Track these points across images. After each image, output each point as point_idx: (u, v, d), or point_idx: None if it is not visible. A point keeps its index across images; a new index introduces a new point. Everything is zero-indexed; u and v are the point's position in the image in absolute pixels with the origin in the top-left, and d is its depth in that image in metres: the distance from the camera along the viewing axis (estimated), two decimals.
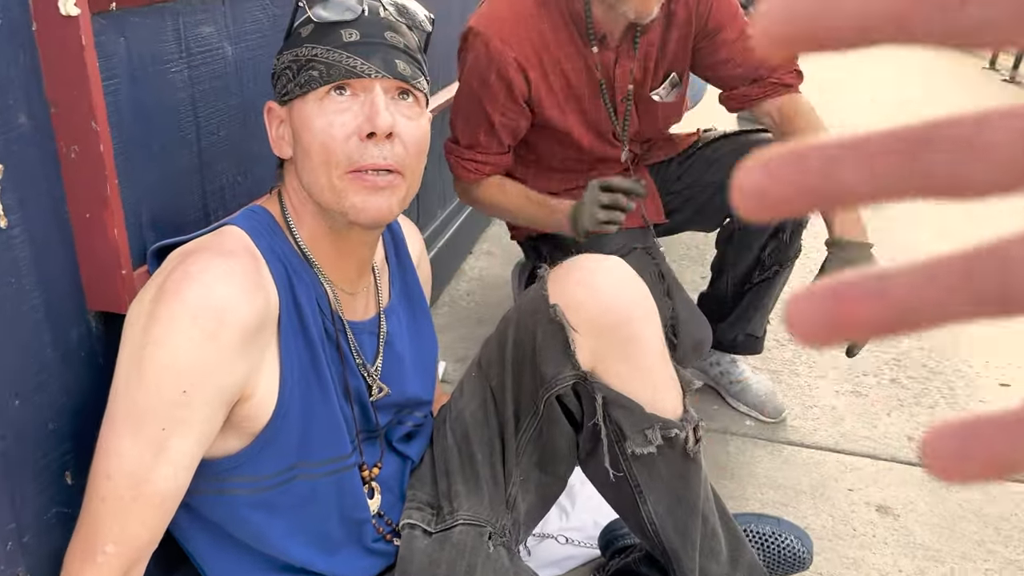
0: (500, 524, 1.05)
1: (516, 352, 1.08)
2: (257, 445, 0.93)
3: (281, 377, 0.92)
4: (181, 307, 0.82)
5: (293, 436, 0.94)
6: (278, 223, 0.97)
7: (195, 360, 0.81)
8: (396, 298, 1.13)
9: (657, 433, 1.02)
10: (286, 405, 0.92)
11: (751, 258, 1.72)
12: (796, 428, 1.84)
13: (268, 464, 0.94)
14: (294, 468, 0.96)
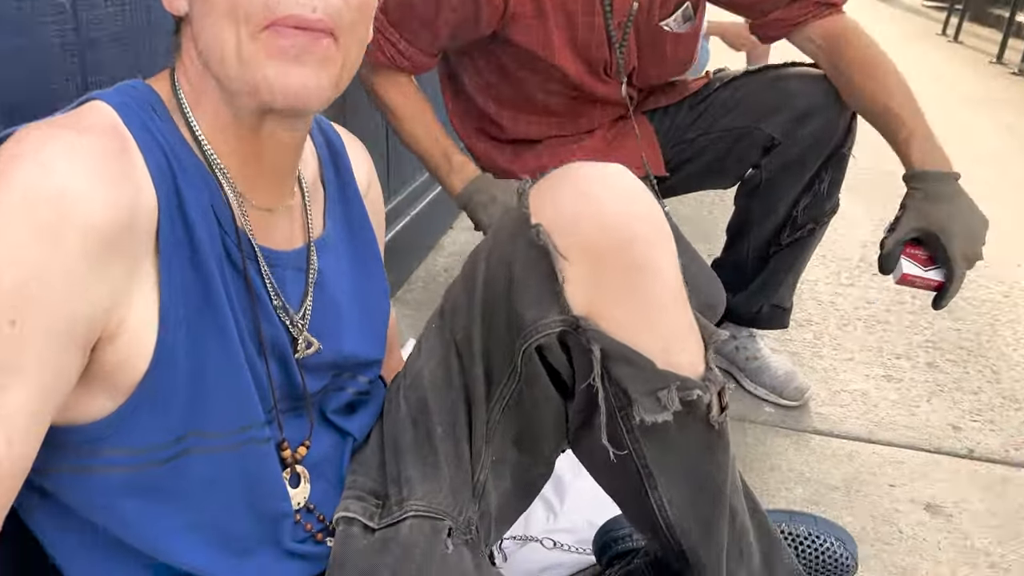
0: (464, 517, 0.79)
1: (487, 292, 0.82)
2: (132, 405, 0.67)
3: (161, 312, 0.66)
4: (5, 195, 0.56)
5: (180, 394, 0.68)
6: (165, 105, 0.71)
7: (26, 273, 0.56)
8: (333, 229, 0.87)
9: (674, 395, 0.76)
10: (169, 351, 0.66)
11: (780, 215, 1.46)
12: (823, 415, 1.59)
13: (148, 433, 0.68)
14: (184, 440, 0.70)
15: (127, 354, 0.65)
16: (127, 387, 0.66)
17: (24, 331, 0.56)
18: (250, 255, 0.75)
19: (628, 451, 0.80)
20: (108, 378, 0.65)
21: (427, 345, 0.88)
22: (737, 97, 1.47)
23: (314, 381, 0.83)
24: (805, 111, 1.38)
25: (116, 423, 0.67)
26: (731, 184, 1.57)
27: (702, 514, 0.81)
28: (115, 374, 0.65)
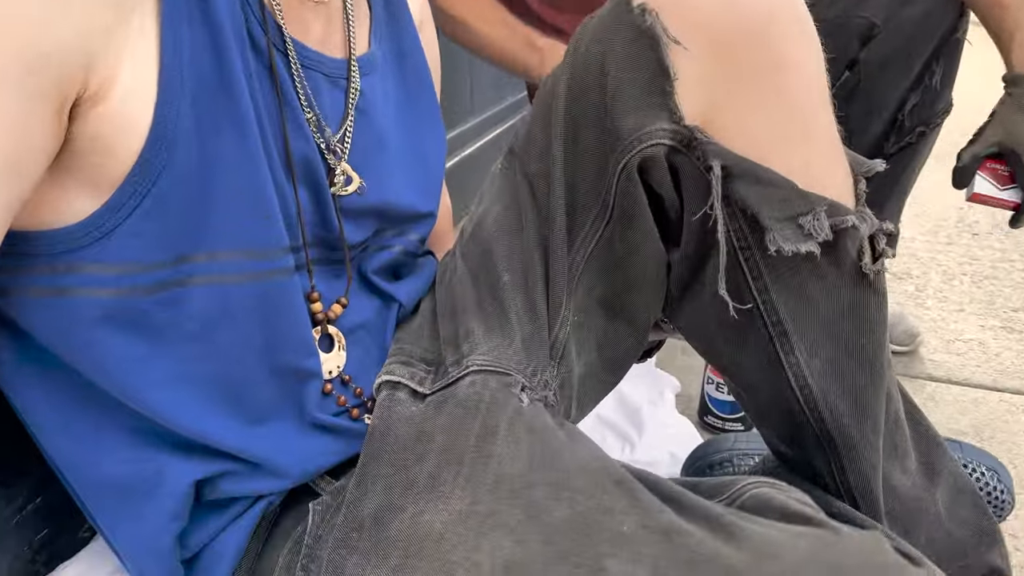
0: (540, 379, 0.61)
1: (571, 108, 0.64)
2: (119, 201, 0.51)
3: (161, 79, 0.51)
4: None
5: (183, 195, 0.53)
6: None
7: None
8: (380, 52, 0.71)
9: (823, 220, 0.58)
10: (170, 130, 0.51)
11: (884, 119, 1.26)
12: (937, 363, 1.38)
13: (140, 244, 0.52)
14: (186, 263, 0.54)
15: (115, 126, 0.50)
16: (115, 176, 0.51)
17: None
18: (278, 43, 0.59)
19: (754, 304, 0.62)
20: (91, 161, 0.50)
21: (490, 192, 0.71)
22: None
23: (353, 231, 0.67)
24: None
25: (99, 224, 0.51)
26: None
27: (852, 385, 0.62)
28: (100, 156, 0.50)
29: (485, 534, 0.47)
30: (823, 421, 0.62)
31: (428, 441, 0.56)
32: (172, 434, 0.57)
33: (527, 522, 0.46)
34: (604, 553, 0.43)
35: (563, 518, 0.46)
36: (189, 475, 0.58)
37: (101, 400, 0.56)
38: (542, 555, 0.44)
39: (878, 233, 0.62)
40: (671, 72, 0.59)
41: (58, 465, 0.61)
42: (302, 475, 0.61)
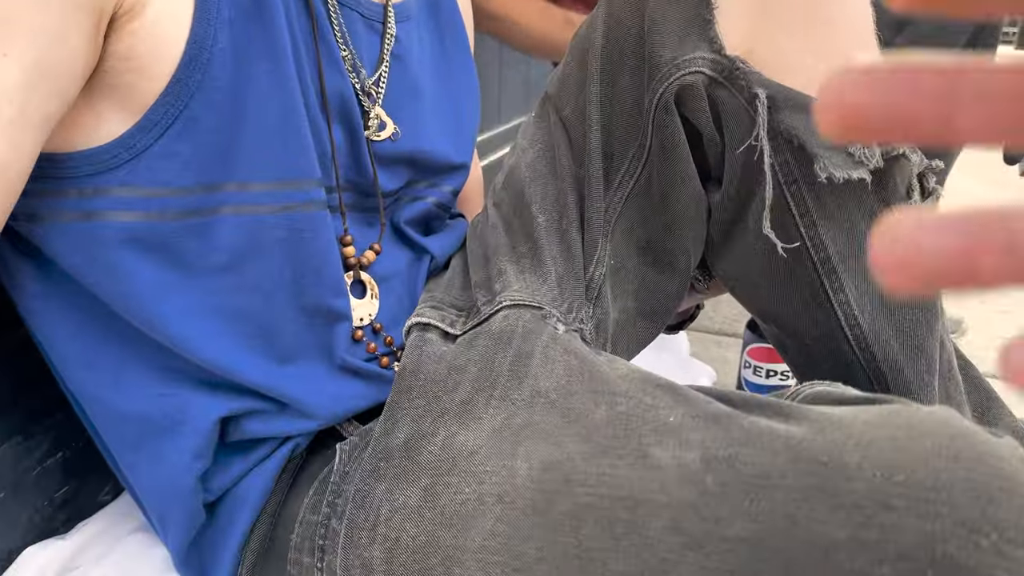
0: (575, 316, 0.59)
1: (608, 49, 0.63)
2: (152, 120, 0.50)
3: (198, 0, 0.50)
4: None
5: (215, 120, 0.52)
6: None
7: None
8: (415, 2, 0.70)
9: (874, 147, 0.55)
10: (205, 51, 0.50)
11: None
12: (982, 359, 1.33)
13: (172, 168, 0.51)
14: (218, 191, 0.53)
15: (150, 44, 0.49)
16: (148, 96, 0.50)
17: None
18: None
19: (801, 242, 0.59)
20: (124, 81, 0.49)
21: (524, 138, 0.70)
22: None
23: (387, 178, 0.66)
24: None
25: (130, 145, 0.50)
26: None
27: (905, 325, 0.59)
28: (133, 75, 0.49)
29: (520, 443, 0.45)
30: (875, 359, 0.59)
31: (460, 373, 0.54)
32: (197, 368, 0.56)
33: (564, 426, 0.44)
34: (648, 443, 0.40)
35: (603, 418, 0.43)
36: (214, 411, 0.56)
37: (125, 332, 0.55)
38: (580, 452, 0.42)
39: (927, 171, 0.59)
40: (712, 1, 0.58)
41: (79, 400, 0.60)
42: (330, 417, 0.59)
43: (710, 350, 1.30)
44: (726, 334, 1.39)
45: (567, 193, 0.64)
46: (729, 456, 0.37)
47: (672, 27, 0.59)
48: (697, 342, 1.32)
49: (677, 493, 0.37)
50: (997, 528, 0.31)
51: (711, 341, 1.33)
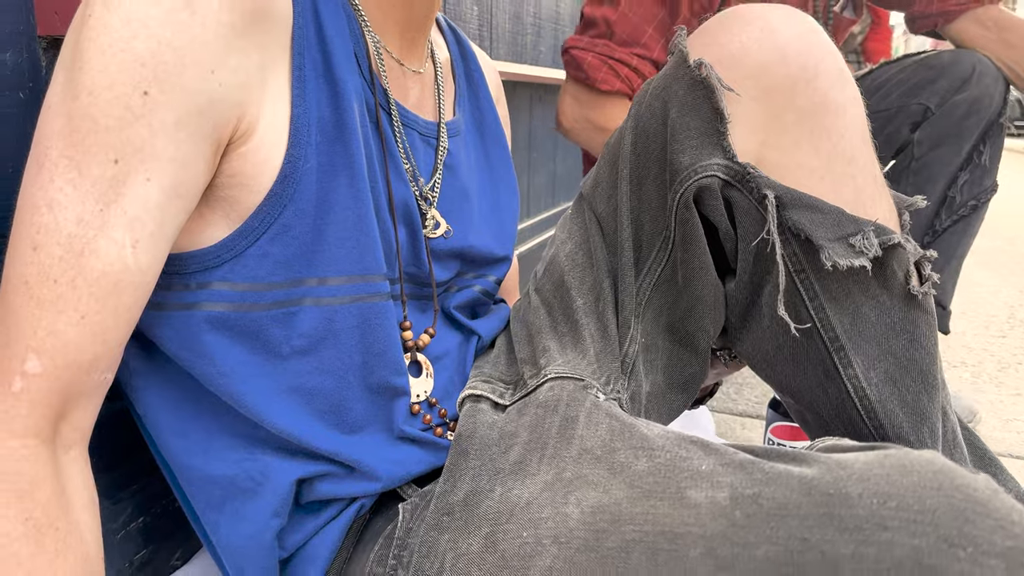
0: (612, 388, 0.66)
1: (636, 154, 0.72)
2: (250, 227, 0.59)
3: (292, 128, 0.59)
4: None
5: (303, 226, 0.60)
6: None
7: (161, 40, 0.50)
8: (463, 119, 0.80)
9: (872, 238, 0.63)
10: (298, 171, 0.59)
11: (937, 196, 1.33)
12: (999, 439, 1.37)
13: (265, 265, 0.59)
14: (301, 286, 0.61)
15: (253, 164, 0.58)
16: (248, 207, 0.59)
17: (157, 106, 0.51)
18: (383, 104, 0.68)
19: (812, 323, 0.67)
20: (229, 194, 0.58)
21: (562, 232, 0.79)
22: (882, 79, 1.39)
23: (440, 270, 0.75)
24: (962, 78, 1.29)
25: (231, 247, 0.59)
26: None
27: (909, 398, 0.65)
28: (237, 189, 0.58)
29: (572, 492, 0.51)
30: (883, 428, 0.65)
31: (512, 437, 0.61)
32: (276, 437, 0.63)
33: (610, 477, 0.51)
34: (685, 487, 0.47)
35: (644, 468, 0.50)
36: (292, 474, 0.63)
37: (214, 406, 0.63)
38: (627, 496, 0.48)
39: (923, 260, 0.67)
40: (725, 115, 0.66)
41: (171, 466, 0.67)
42: (392, 480, 0.66)
43: (735, 431, 1.36)
44: (750, 416, 1.44)
45: (602, 279, 0.72)
46: (754, 494, 0.44)
47: (691, 136, 0.68)
48: (722, 423, 1.38)
49: (711, 525, 0.44)
50: (973, 543, 0.37)
51: (736, 423, 1.38)
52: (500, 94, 0.93)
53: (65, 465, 0.53)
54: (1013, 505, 0.40)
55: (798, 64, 0.66)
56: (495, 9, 1.73)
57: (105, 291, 0.51)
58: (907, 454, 0.42)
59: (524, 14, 1.92)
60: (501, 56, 1.79)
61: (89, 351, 0.52)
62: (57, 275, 0.50)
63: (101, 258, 0.50)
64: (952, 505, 0.39)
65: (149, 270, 0.53)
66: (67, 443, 0.54)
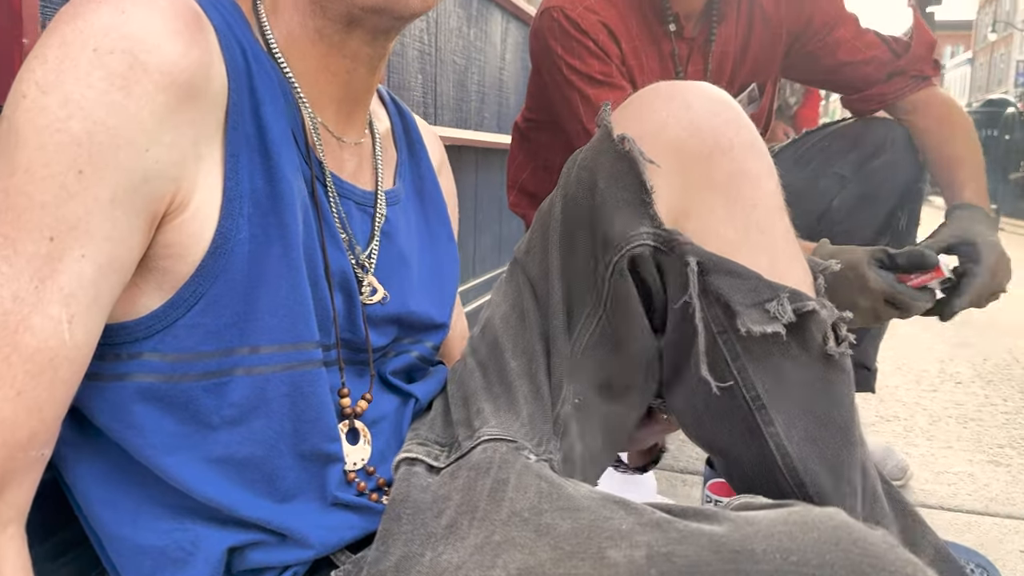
0: (545, 448, 0.68)
1: (566, 220, 0.75)
2: (182, 298, 0.59)
3: (224, 200, 0.60)
4: (78, 35, 0.52)
5: (235, 296, 0.60)
6: (244, 15, 0.70)
7: (96, 120, 0.51)
8: (403, 188, 0.82)
9: (785, 305, 0.66)
10: (229, 242, 0.60)
11: None
12: (929, 491, 1.41)
13: (196, 336, 0.59)
14: (233, 355, 0.61)
15: (188, 235, 0.59)
16: (180, 277, 0.59)
17: (92, 184, 0.52)
18: (319, 175, 0.70)
19: (734, 382, 0.69)
20: (163, 264, 0.59)
21: (497, 295, 0.81)
22: (802, 151, 1.45)
23: (377, 336, 0.76)
24: (876, 146, 1.36)
25: (163, 318, 0.59)
26: (801, 236, 1.51)
27: (829, 454, 0.68)
28: (170, 260, 0.59)
29: (499, 555, 0.52)
30: (804, 486, 0.67)
31: (445, 501, 0.62)
32: (207, 507, 0.62)
33: (536, 538, 0.52)
34: (605, 546, 0.48)
35: (569, 529, 0.51)
36: (223, 543, 0.62)
37: (143, 476, 0.62)
38: (551, 558, 0.49)
39: (839, 321, 0.70)
40: (649, 186, 0.70)
41: (99, 536, 0.65)
42: (325, 546, 0.66)
43: (676, 488, 1.38)
44: (691, 472, 1.47)
45: (535, 342, 0.74)
46: (668, 552, 0.45)
47: (619, 207, 0.71)
48: (664, 480, 1.40)
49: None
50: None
51: (677, 480, 1.40)
52: (443, 163, 0.96)
53: (1, 545, 0.53)
54: (908, 558, 0.42)
55: (712, 138, 0.70)
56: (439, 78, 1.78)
57: (40, 367, 0.51)
58: (809, 511, 0.44)
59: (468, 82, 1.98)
60: (446, 122, 1.84)
61: (25, 427, 0.52)
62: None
63: (36, 334, 0.51)
64: (849, 559, 0.41)
65: (85, 345, 0.54)
66: (3, 521, 0.53)
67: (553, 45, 1.30)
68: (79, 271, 0.52)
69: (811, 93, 3.06)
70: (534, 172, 1.55)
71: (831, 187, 1.39)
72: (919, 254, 1.05)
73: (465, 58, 1.94)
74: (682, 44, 1.35)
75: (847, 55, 1.38)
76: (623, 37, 1.31)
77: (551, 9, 1.31)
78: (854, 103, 1.43)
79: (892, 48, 1.37)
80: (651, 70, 1.35)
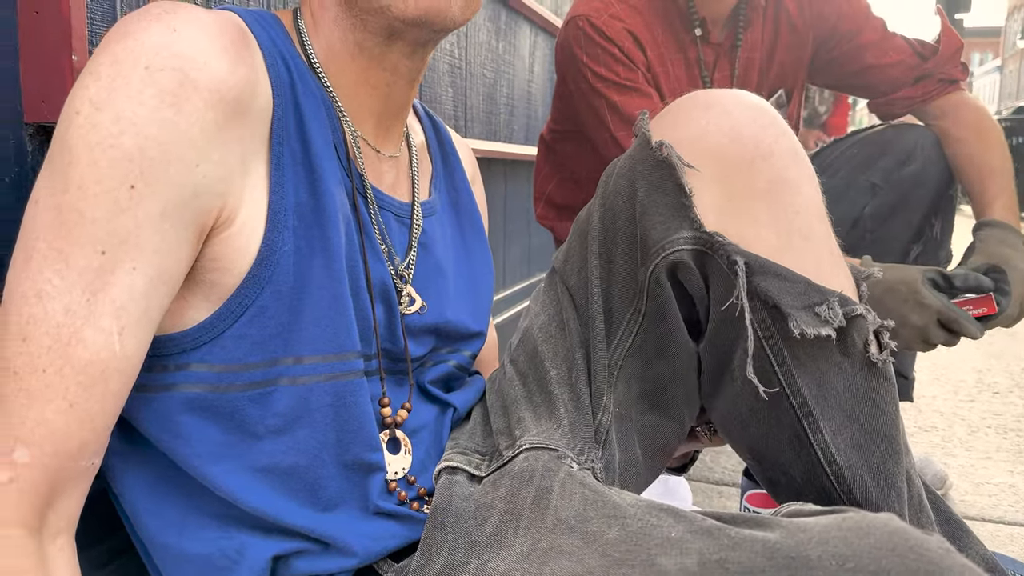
0: (587, 456, 0.67)
1: (605, 229, 0.75)
2: (228, 310, 0.60)
3: (269, 214, 0.61)
4: (129, 54, 0.54)
5: (280, 307, 0.61)
6: (287, 30, 0.71)
7: (148, 136, 0.53)
8: (439, 199, 0.83)
9: (836, 309, 0.66)
10: (274, 254, 0.61)
11: None
12: (969, 503, 1.39)
13: (242, 347, 0.61)
14: (277, 366, 0.62)
15: (234, 249, 0.60)
16: (227, 289, 0.60)
17: (143, 199, 0.53)
18: (360, 188, 0.71)
19: (780, 388, 0.69)
20: (210, 277, 0.60)
21: (536, 304, 0.81)
22: (831, 158, 1.44)
23: (415, 346, 0.76)
24: (906, 153, 1.34)
25: (210, 329, 0.60)
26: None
27: (875, 462, 0.67)
28: (217, 272, 0.60)
29: (546, 563, 0.52)
30: (852, 492, 0.67)
31: (488, 509, 0.62)
32: (251, 516, 0.63)
33: (584, 546, 0.52)
34: (655, 554, 0.48)
35: (616, 537, 0.51)
36: (267, 551, 0.63)
37: (189, 485, 0.63)
38: (600, 565, 0.49)
39: (882, 329, 0.70)
40: (688, 190, 0.70)
41: (146, 545, 0.66)
42: (368, 555, 0.66)
43: (712, 500, 1.36)
44: (726, 484, 1.45)
45: (575, 350, 0.74)
46: (720, 559, 0.45)
47: (659, 213, 0.71)
48: (699, 492, 1.39)
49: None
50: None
51: (713, 491, 1.39)
52: (476, 174, 0.97)
53: (52, 555, 0.53)
54: (964, 563, 0.41)
55: (753, 144, 0.70)
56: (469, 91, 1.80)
57: (92, 379, 0.52)
58: (864, 516, 0.44)
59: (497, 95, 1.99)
60: (476, 135, 1.85)
61: (77, 438, 0.53)
62: (45, 365, 0.51)
63: (88, 347, 0.52)
64: (906, 565, 0.40)
65: (135, 356, 0.55)
66: (54, 532, 0.54)
67: (579, 53, 1.31)
68: (130, 284, 0.53)
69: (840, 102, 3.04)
70: (560, 183, 1.55)
71: (862, 195, 1.38)
72: (975, 278, 1.04)
73: (494, 71, 1.95)
74: (708, 50, 1.35)
75: (873, 59, 1.37)
76: (649, 44, 1.31)
77: (576, 18, 1.31)
78: (881, 107, 1.42)
79: (919, 52, 1.36)
80: (677, 77, 1.35)
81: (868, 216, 1.37)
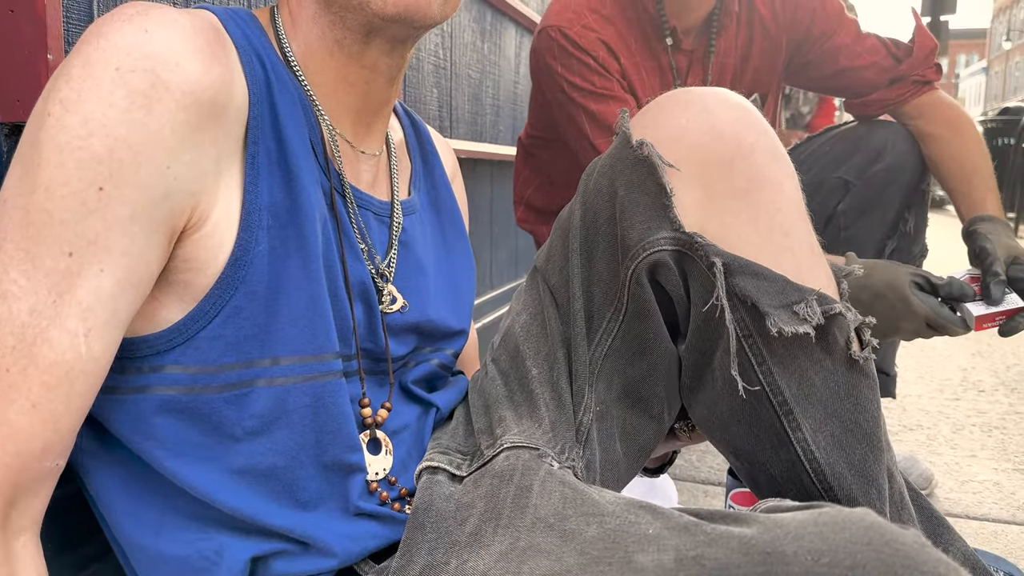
0: (567, 455, 0.67)
1: (585, 228, 0.75)
2: (203, 310, 0.59)
3: (243, 213, 0.60)
4: (100, 55, 0.53)
5: (255, 307, 0.61)
6: (264, 28, 0.70)
7: (117, 138, 0.52)
8: (418, 198, 0.83)
9: (814, 307, 0.66)
10: (248, 254, 0.60)
11: None
12: (955, 500, 1.39)
13: (217, 348, 0.60)
14: (253, 367, 0.61)
15: (207, 249, 0.59)
16: (200, 290, 0.59)
17: (112, 201, 0.52)
18: (337, 187, 0.70)
19: (761, 386, 0.69)
20: (183, 278, 0.59)
21: (517, 304, 0.81)
22: (805, 155, 1.45)
23: (397, 345, 0.75)
24: (877, 149, 1.35)
25: (184, 330, 0.59)
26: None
27: (856, 458, 0.67)
28: (190, 273, 0.59)
29: (525, 561, 0.52)
30: (832, 490, 0.67)
31: (468, 508, 0.62)
32: (230, 517, 0.62)
33: (562, 544, 0.51)
34: (632, 551, 0.47)
35: (594, 535, 0.51)
36: (246, 552, 0.62)
37: (166, 486, 0.62)
38: (578, 563, 0.49)
39: (863, 326, 0.70)
40: (668, 190, 0.70)
41: (123, 547, 0.66)
42: (348, 556, 0.66)
43: (697, 499, 1.36)
44: (712, 483, 1.45)
45: (556, 349, 0.74)
46: (697, 555, 0.45)
47: (638, 212, 0.71)
48: (685, 491, 1.39)
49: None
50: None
51: (698, 490, 1.39)
52: (456, 172, 0.96)
53: (15, 551, 0.53)
54: (939, 557, 0.41)
55: (734, 142, 0.70)
56: (454, 92, 1.80)
57: (57, 380, 0.52)
58: (840, 511, 0.44)
59: (483, 96, 1.99)
60: (461, 135, 1.84)
61: (40, 439, 0.52)
62: (9, 365, 0.51)
63: (54, 348, 0.51)
64: (881, 559, 0.40)
65: (102, 358, 0.54)
66: (16, 530, 0.53)
67: (553, 64, 1.31)
68: (97, 286, 0.52)
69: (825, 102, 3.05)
70: (540, 187, 1.55)
71: (835, 192, 1.39)
72: (959, 286, 1.04)
73: (480, 72, 1.95)
74: (680, 57, 1.36)
75: (847, 61, 1.37)
76: (622, 53, 1.31)
77: (548, 28, 1.31)
78: (856, 108, 1.43)
79: (893, 53, 1.36)
80: (651, 85, 1.35)
81: (841, 213, 1.38)
